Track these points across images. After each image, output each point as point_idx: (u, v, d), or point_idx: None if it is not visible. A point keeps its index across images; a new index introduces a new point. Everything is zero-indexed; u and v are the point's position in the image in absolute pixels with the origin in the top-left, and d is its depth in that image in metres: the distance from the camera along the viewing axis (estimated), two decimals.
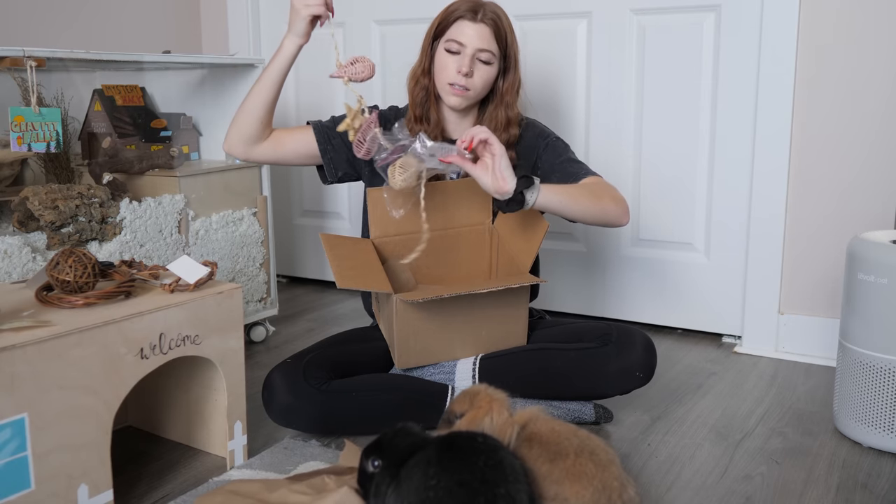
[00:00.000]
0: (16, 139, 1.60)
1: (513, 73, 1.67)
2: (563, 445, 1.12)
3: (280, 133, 1.68)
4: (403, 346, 1.56)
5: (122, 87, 2.17)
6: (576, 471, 1.09)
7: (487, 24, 1.60)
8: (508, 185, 1.42)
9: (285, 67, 1.59)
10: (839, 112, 1.96)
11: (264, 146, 1.66)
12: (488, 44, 1.61)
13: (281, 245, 2.84)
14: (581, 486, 1.07)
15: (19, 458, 1.13)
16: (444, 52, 1.63)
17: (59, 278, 1.29)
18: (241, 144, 1.64)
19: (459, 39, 1.60)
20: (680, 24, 2.13)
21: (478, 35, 1.60)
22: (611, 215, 1.54)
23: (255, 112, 1.62)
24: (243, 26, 2.75)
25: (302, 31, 1.54)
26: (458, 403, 1.22)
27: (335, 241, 1.62)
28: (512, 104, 1.68)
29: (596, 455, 1.12)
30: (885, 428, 1.51)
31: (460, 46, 1.60)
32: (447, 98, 1.65)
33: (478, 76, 1.62)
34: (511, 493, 1.02)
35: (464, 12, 1.61)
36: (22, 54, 1.57)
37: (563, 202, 1.48)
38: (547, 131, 1.74)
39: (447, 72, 1.62)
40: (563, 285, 2.40)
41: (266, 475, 1.40)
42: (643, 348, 1.58)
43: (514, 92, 1.68)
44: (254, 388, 1.69)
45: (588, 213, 1.51)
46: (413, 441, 1.10)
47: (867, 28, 1.90)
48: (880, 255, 1.49)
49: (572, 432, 1.15)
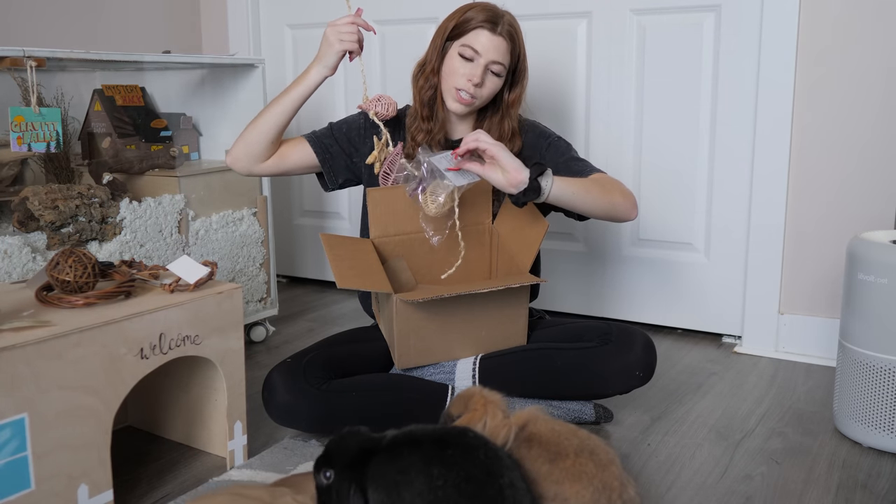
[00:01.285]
0: (16, 139, 1.60)
1: (520, 85, 1.69)
2: (563, 445, 1.12)
3: (284, 149, 1.69)
4: (403, 346, 1.56)
5: (122, 87, 2.17)
6: (576, 471, 1.09)
7: (505, 38, 1.61)
8: (522, 174, 1.43)
9: (306, 95, 1.61)
10: (839, 112, 1.96)
11: (268, 163, 1.67)
12: (503, 57, 1.61)
13: (281, 245, 2.84)
14: (581, 486, 1.07)
15: (19, 458, 1.13)
16: (457, 57, 1.62)
17: (59, 278, 1.29)
18: (246, 161, 1.66)
19: (476, 48, 1.60)
20: (680, 24, 2.13)
21: (494, 47, 1.60)
22: (620, 209, 1.55)
23: (266, 133, 1.63)
24: (243, 26, 2.75)
25: (331, 64, 1.58)
26: (455, 406, 1.22)
27: (335, 241, 1.62)
28: (515, 116, 1.70)
29: (596, 455, 1.11)
30: (885, 428, 1.51)
31: (475, 54, 1.60)
32: (450, 102, 1.65)
33: (486, 86, 1.63)
34: (513, 480, 1.03)
35: (483, 22, 1.60)
36: (22, 54, 1.57)
37: (576, 193, 1.49)
38: (548, 132, 1.74)
39: (457, 77, 1.62)
40: (563, 285, 2.40)
41: (266, 475, 1.40)
42: (643, 348, 1.58)
43: (518, 104, 1.70)
44: (254, 388, 1.69)
45: (598, 205, 1.53)
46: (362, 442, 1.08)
47: (867, 29, 1.90)
48: (880, 255, 1.49)
49: (572, 432, 1.15)
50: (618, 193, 1.55)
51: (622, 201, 1.55)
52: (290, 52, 2.73)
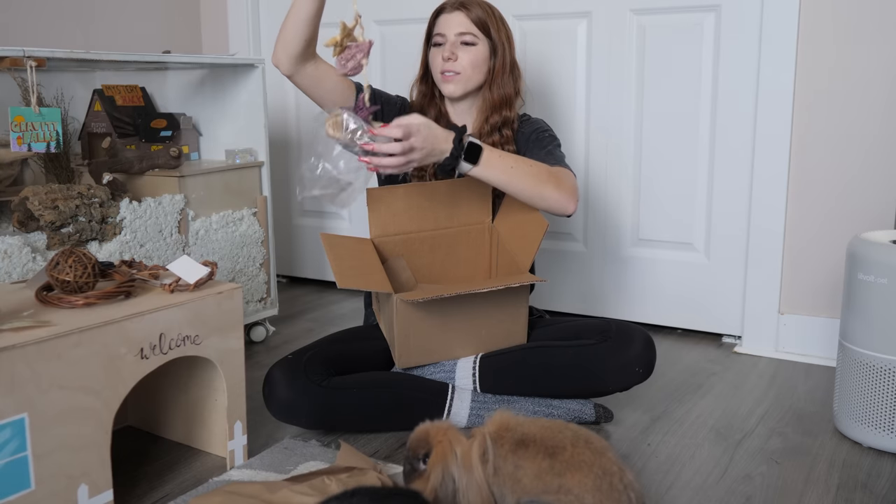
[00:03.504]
0: (16, 139, 1.60)
1: (501, 53, 1.71)
2: (559, 439, 1.14)
3: (327, 69, 1.60)
4: (404, 346, 1.56)
5: (122, 87, 2.17)
6: (575, 460, 1.11)
7: (462, 10, 1.68)
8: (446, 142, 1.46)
9: None
10: (839, 112, 1.96)
11: (308, 70, 1.58)
12: (466, 27, 1.68)
13: (281, 245, 2.84)
14: (582, 475, 1.09)
15: (19, 458, 1.13)
16: (433, 49, 1.72)
17: (59, 278, 1.29)
18: (286, 60, 1.55)
19: (441, 31, 1.70)
20: (680, 24, 2.13)
21: (455, 22, 1.68)
22: (550, 199, 1.54)
23: (295, 27, 1.51)
24: (243, 26, 2.75)
25: None
26: (414, 448, 1.22)
27: (335, 240, 1.62)
28: (503, 84, 1.71)
29: (591, 443, 1.14)
30: (885, 428, 1.51)
31: (442, 37, 1.69)
32: (443, 87, 1.71)
33: (463, 57, 1.68)
34: None
35: (440, 9, 1.72)
36: (22, 54, 1.57)
37: (507, 166, 1.51)
38: (544, 126, 1.77)
39: (436, 64, 1.71)
40: (563, 285, 2.40)
41: (266, 475, 1.40)
42: (642, 344, 1.58)
43: (507, 72, 1.72)
44: (254, 388, 1.69)
45: (527, 189, 1.53)
46: None
47: (867, 28, 1.90)
48: (880, 255, 1.49)
49: (563, 426, 1.18)
50: (552, 186, 1.53)
51: (553, 193, 1.53)
52: None
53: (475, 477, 1.14)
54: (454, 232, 1.72)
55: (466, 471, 1.15)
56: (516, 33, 2.32)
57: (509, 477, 1.13)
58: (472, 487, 1.14)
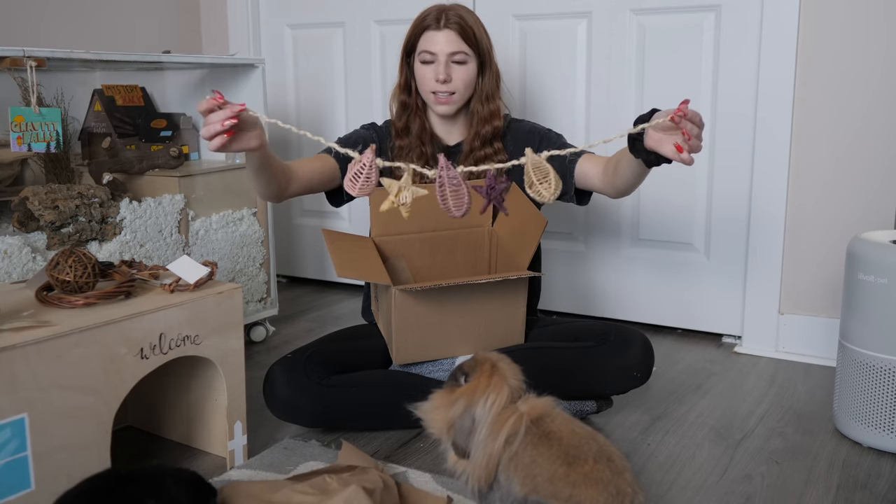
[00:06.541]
0: (16, 139, 1.60)
1: (489, 67, 1.71)
2: (583, 449, 1.11)
3: (304, 172, 1.58)
4: (401, 341, 1.57)
5: (122, 87, 2.17)
6: (594, 476, 1.08)
7: (452, 28, 1.65)
8: None
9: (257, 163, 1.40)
10: (839, 112, 1.96)
11: (293, 191, 1.56)
12: (458, 46, 1.65)
13: (281, 245, 2.84)
14: (597, 492, 1.07)
15: (19, 458, 1.13)
16: (420, 65, 1.68)
17: (59, 278, 1.29)
18: (269, 199, 1.56)
19: (430, 49, 1.66)
20: (680, 24, 2.13)
21: (445, 40, 1.65)
22: None
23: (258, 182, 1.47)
24: (243, 26, 2.75)
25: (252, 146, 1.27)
26: (469, 365, 1.19)
27: (336, 235, 1.63)
28: (492, 97, 1.71)
29: (613, 462, 1.11)
30: (885, 428, 1.51)
31: (432, 56, 1.66)
32: (435, 108, 1.70)
33: (457, 77, 1.66)
34: None
35: (427, 24, 1.67)
36: (22, 54, 1.57)
37: None
38: (537, 126, 1.78)
39: (426, 82, 1.68)
40: (563, 285, 2.40)
41: (266, 475, 1.40)
42: (641, 348, 1.58)
43: (495, 85, 1.72)
44: (254, 388, 1.69)
45: None
46: None
47: (867, 28, 1.90)
48: (880, 255, 1.49)
49: (591, 436, 1.14)
50: None
51: None
52: (290, 52, 2.73)
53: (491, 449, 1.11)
54: (454, 234, 1.73)
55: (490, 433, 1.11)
56: (516, 33, 2.32)
57: (524, 468, 1.11)
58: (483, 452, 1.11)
